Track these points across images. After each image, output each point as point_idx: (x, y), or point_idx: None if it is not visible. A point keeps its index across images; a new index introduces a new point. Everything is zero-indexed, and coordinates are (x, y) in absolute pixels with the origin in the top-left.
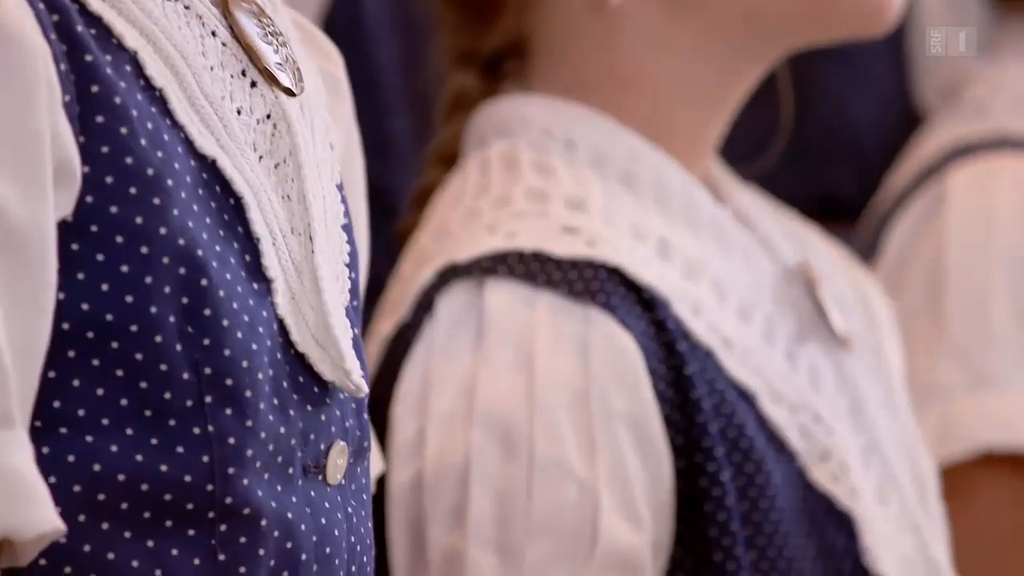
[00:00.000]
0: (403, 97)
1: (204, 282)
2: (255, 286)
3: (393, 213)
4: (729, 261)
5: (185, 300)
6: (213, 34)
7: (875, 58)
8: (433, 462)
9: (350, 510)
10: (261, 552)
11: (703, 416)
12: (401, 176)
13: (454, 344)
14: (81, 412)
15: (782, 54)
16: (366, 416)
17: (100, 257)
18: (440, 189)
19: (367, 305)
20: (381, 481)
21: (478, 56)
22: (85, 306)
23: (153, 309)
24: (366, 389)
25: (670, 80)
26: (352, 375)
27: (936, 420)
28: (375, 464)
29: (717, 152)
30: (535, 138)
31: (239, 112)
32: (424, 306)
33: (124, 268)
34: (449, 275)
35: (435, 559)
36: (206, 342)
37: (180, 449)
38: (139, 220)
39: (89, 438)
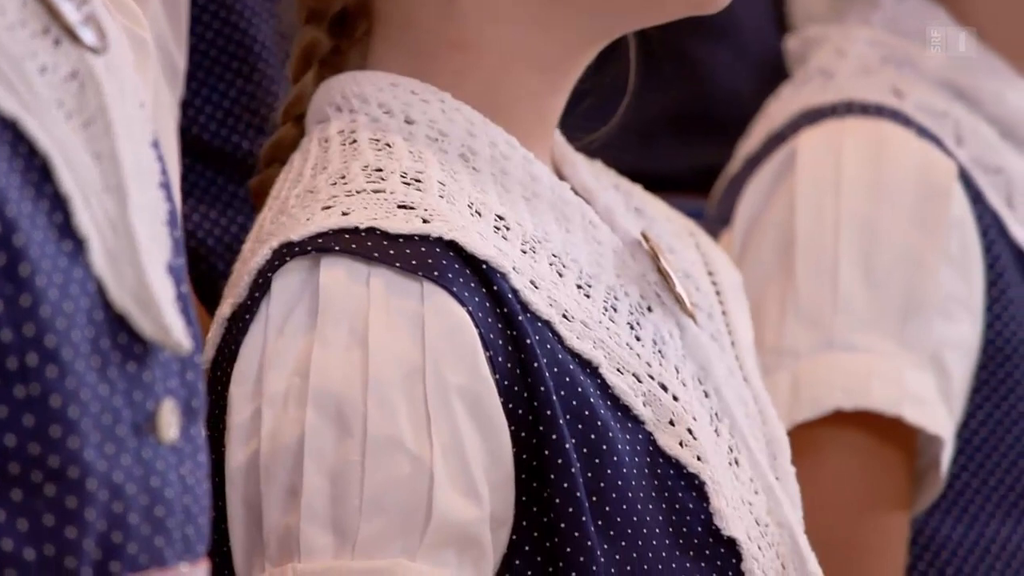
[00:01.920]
0: (281, 67)
1: (18, 241)
2: (68, 246)
3: None
4: (569, 235)
5: (2, 260)
6: None
7: (754, 30)
8: (268, 442)
9: (184, 471)
10: (89, 515)
11: (545, 386)
12: None
13: (289, 324)
14: None
15: (624, 30)
16: (194, 375)
17: None
18: (286, 163)
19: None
20: None
21: (326, 14)
22: None
23: None
24: (188, 346)
25: (511, 50)
26: (172, 333)
27: (787, 382)
28: None
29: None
30: (374, 115)
31: (43, 70)
32: (260, 286)
33: None
34: (284, 254)
35: (271, 539)
36: (23, 302)
37: (3, 412)
38: None
39: None
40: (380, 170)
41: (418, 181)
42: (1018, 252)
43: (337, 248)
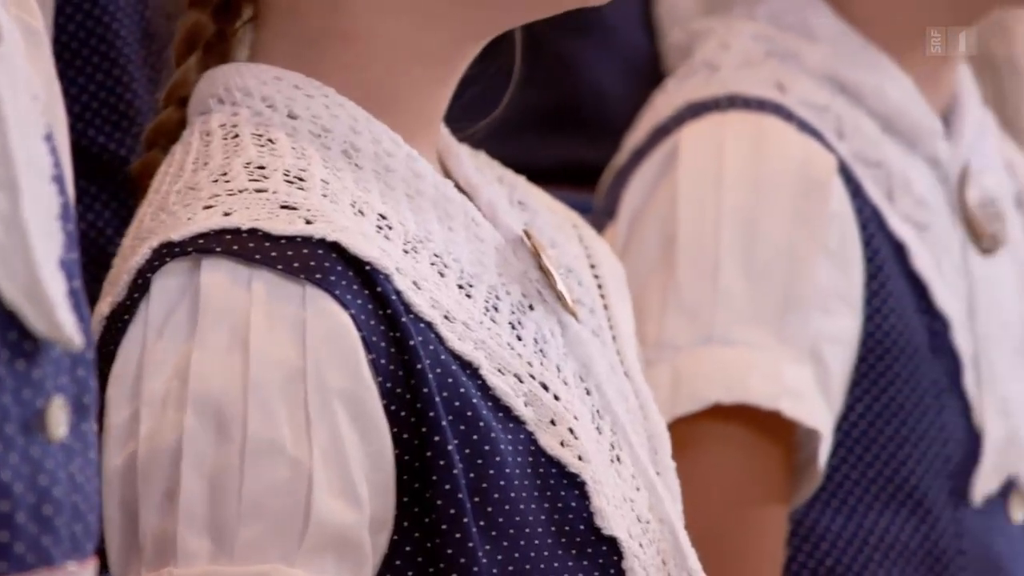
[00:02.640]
0: (144, 65)
1: None
2: None
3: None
4: (451, 234)
5: None
6: None
7: (624, 25)
8: (146, 445)
9: (73, 469)
10: None
11: (427, 388)
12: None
13: (169, 326)
14: None
15: (511, 24)
16: (85, 371)
17: None
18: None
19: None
20: None
21: None
22: None
23: None
24: (79, 342)
25: (397, 43)
26: (64, 329)
27: (667, 376)
28: None
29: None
30: (257, 108)
31: None
32: (139, 286)
33: None
34: (165, 254)
35: (147, 543)
36: None
37: None
38: None
39: None
40: (263, 167)
41: (301, 180)
42: (897, 245)
43: (218, 249)
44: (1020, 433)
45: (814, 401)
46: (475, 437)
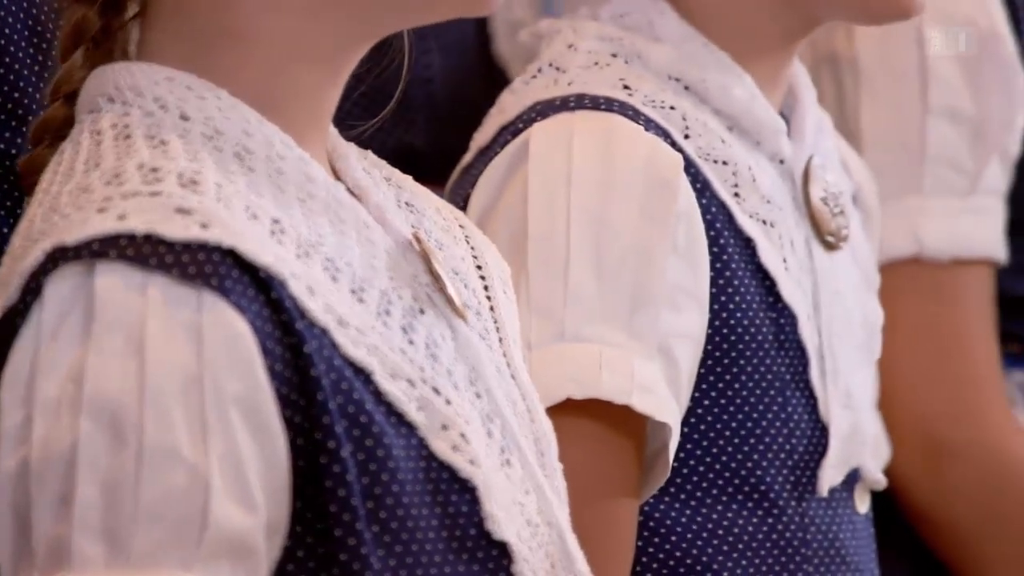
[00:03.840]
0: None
1: None
2: None
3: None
4: (343, 238)
5: None
6: None
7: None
8: (40, 450)
9: None
10: None
11: (322, 394)
12: None
13: (63, 330)
14: None
15: (399, 27)
16: None
17: None
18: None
19: None
20: None
21: None
22: None
23: None
24: None
25: (287, 42)
26: None
27: None
28: None
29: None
30: (148, 109)
31: None
32: (32, 289)
33: None
34: (58, 257)
35: (40, 548)
36: None
37: None
38: None
39: None
40: (156, 170)
41: (195, 183)
42: (745, 242)
43: (113, 254)
44: (862, 426)
45: (664, 396)
46: (368, 442)
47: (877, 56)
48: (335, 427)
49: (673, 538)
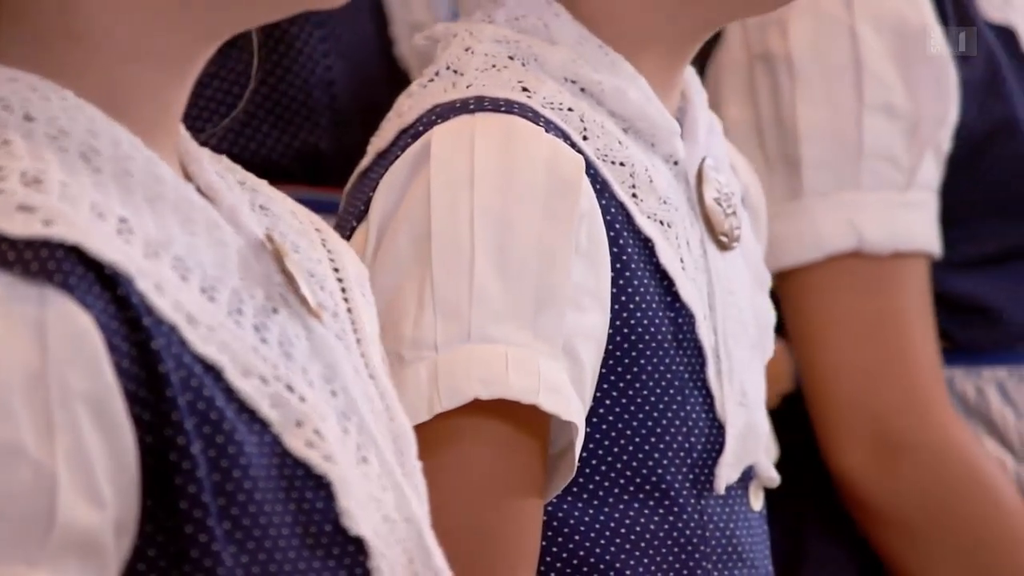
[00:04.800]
0: None
1: None
2: None
3: None
4: (193, 238)
5: None
6: None
7: (352, 14)
8: None
9: None
10: None
11: (171, 390)
12: None
13: None
14: None
15: (247, 25)
16: None
17: None
18: None
19: None
20: None
21: None
22: None
23: None
24: None
25: (129, 43)
26: None
27: (426, 374)
28: None
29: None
30: None
31: None
32: None
33: None
34: None
35: None
36: None
37: None
38: None
39: None
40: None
41: (38, 182)
42: (643, 242)
43: None
44: (757, 424)
45: (570, 396)
46: (219, 439)
47: (811, 54)
48: (185, 424)
49: (576, 537)
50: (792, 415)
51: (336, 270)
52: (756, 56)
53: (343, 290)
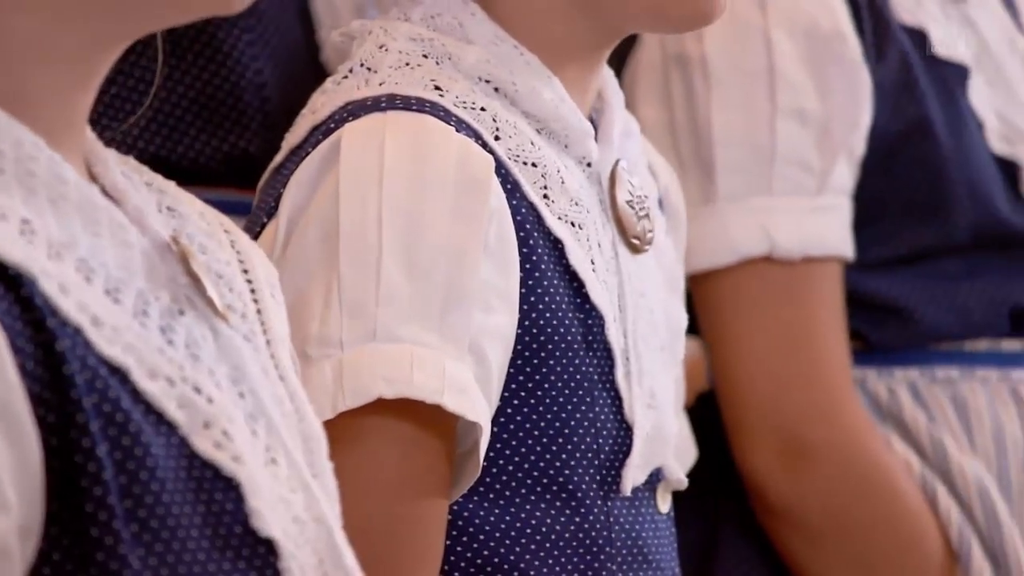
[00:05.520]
0: None
1: None
2: None
3: None
4: (97, 239)
5: None
6: None
7: (280, 16)
8: None
9: None
10: None
11: (76, 392)
12: None
13: None
14: None
15: (152, 28)
16: None
17: None
18: None
19: None
20: None
21: None
22: None
23: None
24: None
25: (32, 43)
26: None
27: (331, 373)
28: None
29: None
30: None
31: None
32: None
33: None
34: None
35: None
36: None
37: None
38: None
39: None
40: None
41: None
42: (554, 243)
43: None
44: (665, 426)
45: (475, 396)
46: (126, 441)
47: (726, 57)
48: (90, 426)
49: (481, 537)
50: (708, 414)
51: (245, 271)
52: (671, 57)
53: (252, 291)
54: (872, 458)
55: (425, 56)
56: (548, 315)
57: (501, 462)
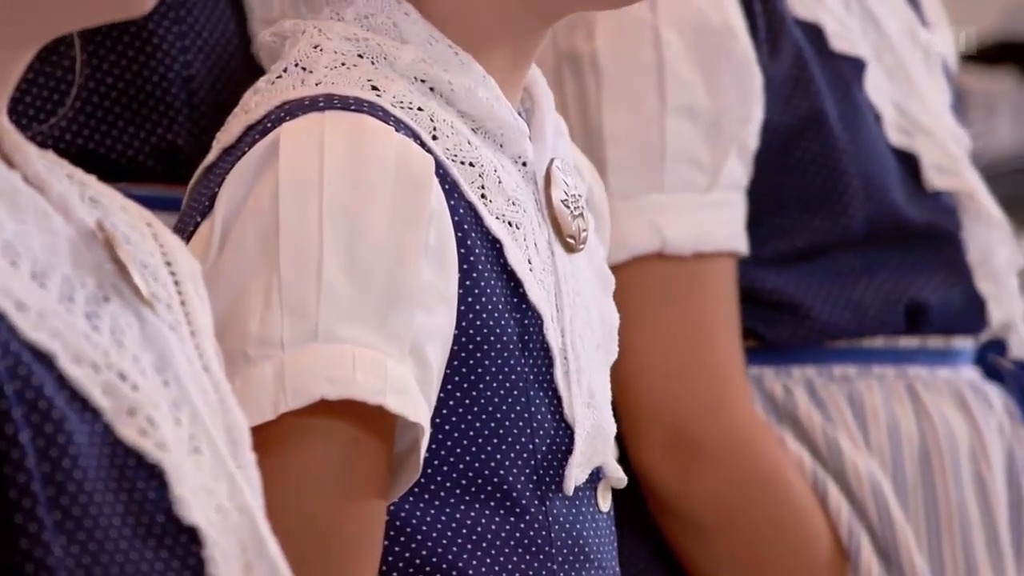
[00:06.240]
0: None
1: None
2: None
3: None
4: (22, 226)
5: None
6: None
7: (211, 9)
8: None
9: None
10: None
11: None
12: None
13: None
14: None
15: (61, 31)
16: None
17: None
18: None
19: None
20: None
21: None
22: None
23: None
24: None
25: None
26: None
27: (272, 373)
28: None
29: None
30: None
31: None
32: None
33: None
34: None
35: None
36: None
37: None
38: None
39: None
40: None
41: None
42: (491, 243)
43: None
44: (604, 424)
45: (416, 397)
46: (48, 428)
47: (616, 55)
48: (12, 412)
49: (419, 537)
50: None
51: (168, 263)
52: (562, 55)
53: (176, 283)
54: (762, 455)
55: (361, 56)
56: (485, 315)
57: (436, 462)
